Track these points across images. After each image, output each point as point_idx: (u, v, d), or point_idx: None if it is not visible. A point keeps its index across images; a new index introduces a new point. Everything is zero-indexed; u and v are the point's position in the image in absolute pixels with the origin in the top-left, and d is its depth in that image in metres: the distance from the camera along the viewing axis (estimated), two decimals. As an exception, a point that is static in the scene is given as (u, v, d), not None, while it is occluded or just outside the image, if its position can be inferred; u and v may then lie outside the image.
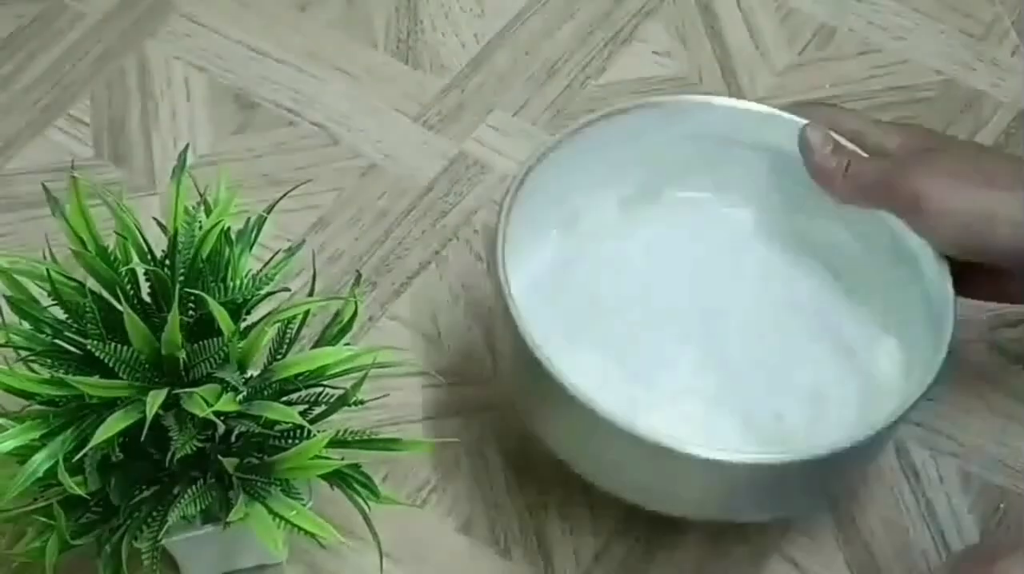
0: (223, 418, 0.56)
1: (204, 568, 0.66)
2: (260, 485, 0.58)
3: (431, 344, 0.75)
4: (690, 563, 0.69)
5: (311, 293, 0.64)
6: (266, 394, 0.59)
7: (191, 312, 0.58)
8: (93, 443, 0.54)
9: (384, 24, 0.87)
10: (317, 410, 0.61)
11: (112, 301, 0.58)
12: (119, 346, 0.56)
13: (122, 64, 0.84)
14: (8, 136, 0.81)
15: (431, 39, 0.86)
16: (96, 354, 0.56)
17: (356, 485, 0.60)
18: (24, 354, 0.58)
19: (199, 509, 0.58)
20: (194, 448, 0.56)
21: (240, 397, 0.57)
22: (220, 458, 0.58)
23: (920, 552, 0.70)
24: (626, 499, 0.65)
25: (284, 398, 0.59)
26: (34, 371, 0.58)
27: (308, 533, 0.58)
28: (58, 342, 0.58)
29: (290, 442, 0.60)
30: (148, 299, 0.59)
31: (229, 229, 0.60)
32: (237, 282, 0.60)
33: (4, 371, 0.57)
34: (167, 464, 0.57)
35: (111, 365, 0.56)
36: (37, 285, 0.59)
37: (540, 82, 0.85)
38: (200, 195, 0.61)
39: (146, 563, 0.58)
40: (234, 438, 0.60)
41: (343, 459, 0.59)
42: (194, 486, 0.58)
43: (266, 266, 0.61)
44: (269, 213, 0.63)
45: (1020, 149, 0.83)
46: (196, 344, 0.57)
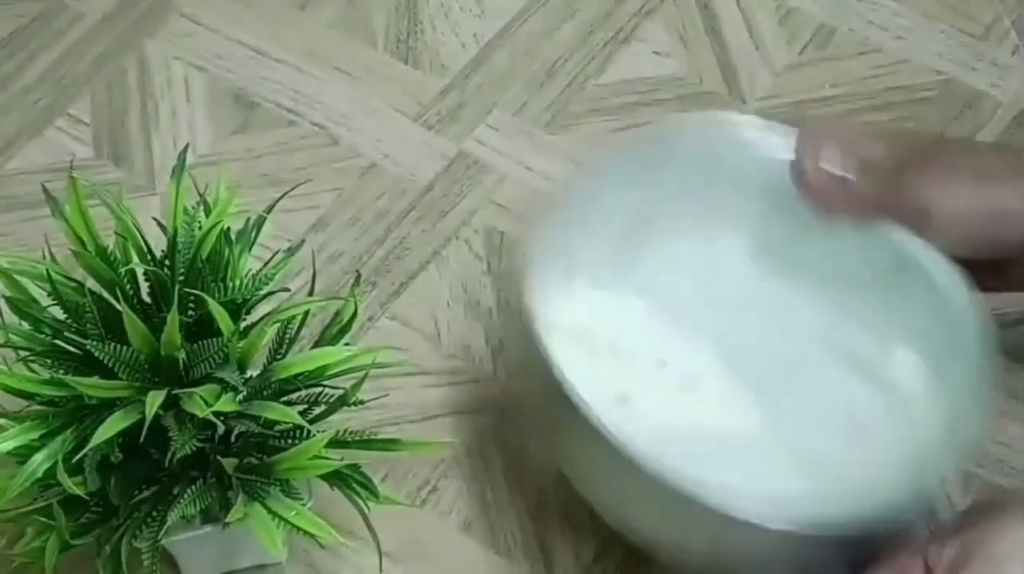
0: (223, 418, 0.56)
1: (204, 568, 0.66)
2: (260, 485, 0.58)
3: (431, 344, 0.75)
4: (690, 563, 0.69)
5: (311, 293, 0.64)
6: (266, 394, 0.59)
7: (191, 312, 0.58)
8: (93, 443, 0.54)
9: (384, 24, 0.87)
10: (317, 410, 0.61)
11: (112, 301, 0.58)
12: (119, 346, 0.56)
13: (122, 64, 0.84)
14: (8, 136, 0.81)
15: (431, 39, 0.86)
16: (96, 354, 0.56)
17: (356, 485, 0.60)
18: (24, 354, 0.58)
19: (199, 509, 0.58)
20: (194, 448, 0.56)
21: (240, 397, 0.57)
22: (220, 458, 0.58)
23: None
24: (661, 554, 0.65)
25: (284, 398, 0.59)
26: (34, 371, 0.58)
27: (308, 533, 0.58)
28: (58, 342, 0.58)
29: (290, 442, 0.60)
30: (148, 299, 0.59)
31: (229, 229, 0.60)
32: (237, 282, 0.60)
33: (4, 371, 0.57)
34: (167, 464, 0.57)
35: (111, 365, 0.56)
36: (37, 285, 0.59)
37: (540, 82, 0.85)
38: (200, 195, 0.61)
39: (146, 563, 0.58)
40: (234, 438, 0.60)
41: (343, 459, 0.59)
42: (194, 486, 0.58)
43: (266, 266, 0.61)
44: (269, 213, 0.63)
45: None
46: (196, 344, 0.57)
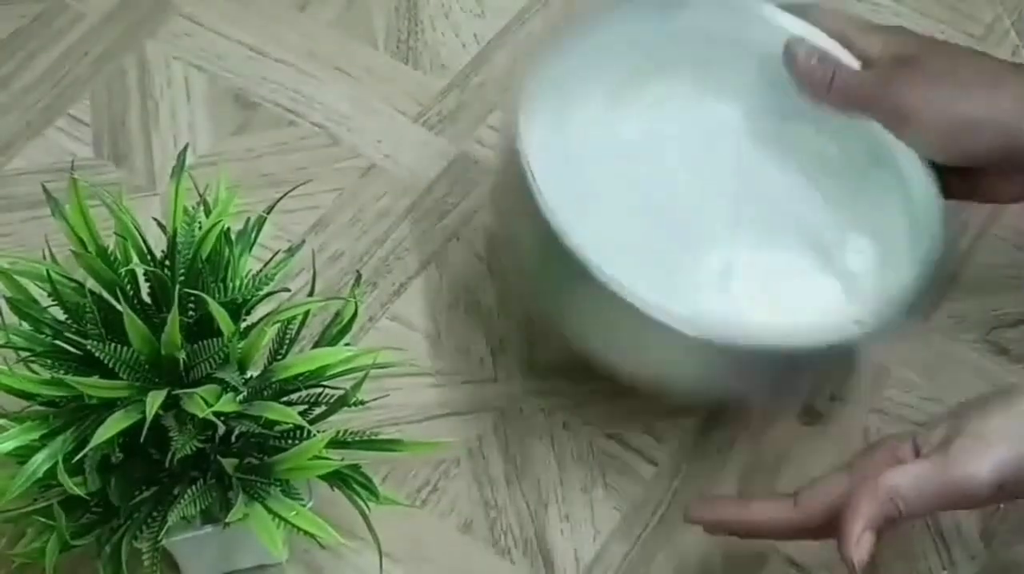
0: (223, 418, 0.56)
1: (204, 568, 0.66)
2: (260, 485, 0.58)
3: (431, 344, 0.75)
4: (690, 564, 0.69)
5: (311, 293, 0.64)
6: (266, 394, 0.59)
7: (191, 312, 0.58)
8: (93, 443, 0.54)
9: (384, 24, 0.87)
10: (317, 410, 0.61)
11: (112, 301, 0.58)
12: (119, 346, 0.56)
13: (122, 64, 0.84)
14: (8, 136, 0.81)
15: (431, 39, 0.86)
16: (96, 354, 0.56)
17: (356, 485, 0.60)
18: (24, 355, 0.58)
19: (199, 509, 0.58)
20: (194, 448, 0.56)
21: (240, 397, 0.57)
22: (220, 458, 0.58)
23: (920, 552, 0.70)
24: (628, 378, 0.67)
25: (284, 398, 0.59)
26: (34, 371, 0.58)
27: (308, 533, 0.58)
28: (58, 343, 0.58)
29: (290, 442, 0.60)
30: (148, 299, 0.59)
31: (229, 229, 0.60)
32: (237, 282, 0.60)
33: (4, 372, 0.57)
34: (167, 464, 0.57)
35: (111, 365, 0.56)
36: (37, 285, 0.59)
37: (540, 82, 0.85)
38: (200, 195, 0.61)
39: (146, 563, 0.58)
40: (234, 438, 0.60)
41: (343, 459, 0.59)
42: (194, 486, 0.58)
43: (266, 266, 0.61)
44: (269, 213, 0.63)
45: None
46: (196, 344, 0.57)
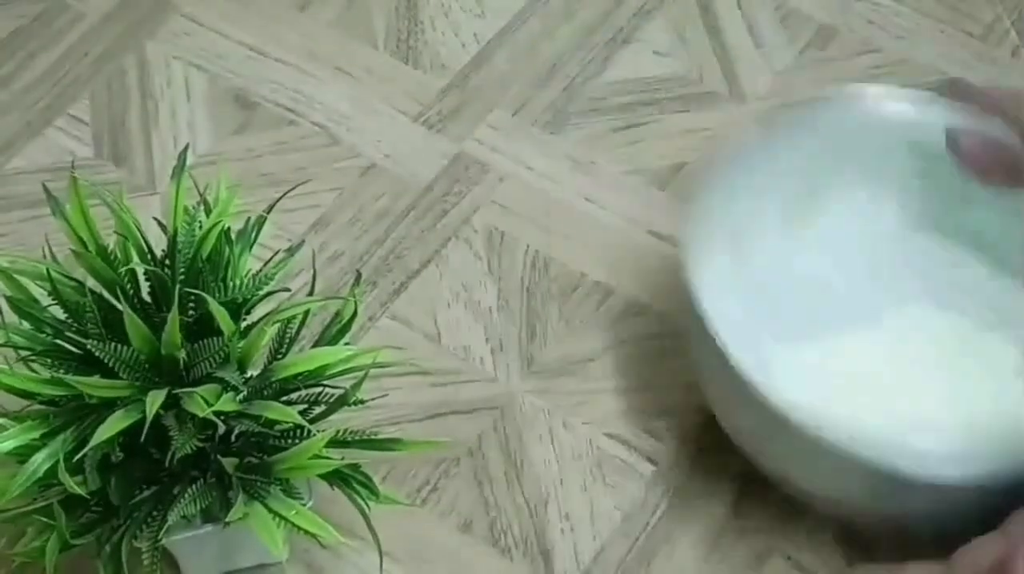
0: (223, 418, 0.56)
1: (204, 568, 0.66)
2: (260, 485, 0.58)
3: (431, 344, 0.75)
4: (690, 563, 0.69)
5: (311, 293, 0.64)
6: (266, 394, 0.59)
7: (191, 312, 0.58)
8: (93, 443, 0.54)
9: (384, 24, 0.87)
10: (317, 410, 0.61)
11: (112, 301, 0.58)
12: (119, 346, 0.56)
13: (122, 64, 0.84)
14: (8, 136, 0.81)
15: (431, 39, 0.86)
16: (96, 354, 0.56)
17: (356, 485, 0.60)
18: (24, 354, 0.58)
19: (199, 509, 0.58)
20: (194, 448, 0.56)
21: (240, 397, 0.57)
22: (220, 458, 0.58)
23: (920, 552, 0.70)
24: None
25: (284, 398, 0.59)
26: (34, 371, 0.58)
27: (308, 533, 0.58)
28: (58, 342, 0.58)
29: (290, 442, 0.60)
30: (148, 299, 0.59)
31: (229, 229, 0.60)
32: (237, 282, 0.60)
33: (4, 371, 0.57)
34: (167, 464, 0.57)
35: (111, 365, 0.56)
36: (37, 285, 0.59)
37: (540, 82, 0.85)
38: (200, 195, 0.62)
39: (146, 563, 0.58)
40: (234, 438, 0.60)
41: (343, 459, 0.59)
42: (194, 486, 0.58)
43: (266, 266, 0.61)
44: (269, 213, 0.63)
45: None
46: (196, 344, 0.57)
